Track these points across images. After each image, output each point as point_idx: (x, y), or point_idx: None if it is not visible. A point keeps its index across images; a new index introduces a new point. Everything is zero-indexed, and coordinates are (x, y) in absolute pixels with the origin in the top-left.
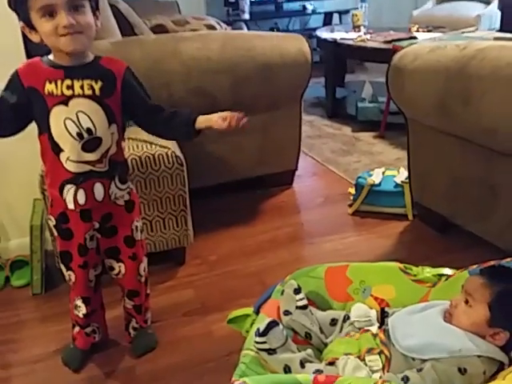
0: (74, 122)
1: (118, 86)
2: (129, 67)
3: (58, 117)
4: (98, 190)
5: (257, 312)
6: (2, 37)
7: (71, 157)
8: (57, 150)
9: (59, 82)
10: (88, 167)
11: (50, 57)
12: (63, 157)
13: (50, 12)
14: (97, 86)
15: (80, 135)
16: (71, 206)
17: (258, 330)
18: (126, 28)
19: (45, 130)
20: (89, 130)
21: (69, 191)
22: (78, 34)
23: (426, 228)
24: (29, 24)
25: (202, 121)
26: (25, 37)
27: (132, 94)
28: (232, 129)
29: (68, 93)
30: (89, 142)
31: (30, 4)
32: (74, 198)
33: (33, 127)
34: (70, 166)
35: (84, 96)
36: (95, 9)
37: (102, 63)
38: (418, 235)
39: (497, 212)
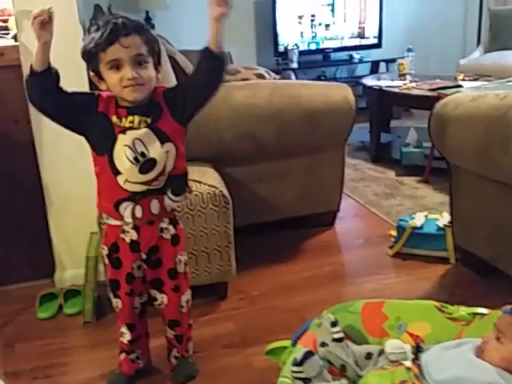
0: (130, 148)
1: (164, 109)
2: (165, 89)
3: (120, 143)
4: (155, 205)
5: (294, 344)
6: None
7: (129, 179)
8: (115, 171)
9: (123, 119)
10: (145, 187)
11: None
12: (121, 178)
13: (116, 65)
14: (149, 120)
15: (136, 159)
16: (129, 220)
17: (295, 359)
18: (183, 77)
19: (106, 152)
20: (143, 154)
21: (126, 208)
22: (140, 86)
23: (467, 272)
24: (98, 74)
25: (209, 37)
26: (91, 85)
27: (178, 96)
28: (228, 4)
29: (128, 125)
30: (144, 164)
31: (100, 57)
32: (132, 213)
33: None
34: (128, 187)
35: (139, 128)
36: (157, 64)
37: (151, 98)
38: (459, 279)
39: None
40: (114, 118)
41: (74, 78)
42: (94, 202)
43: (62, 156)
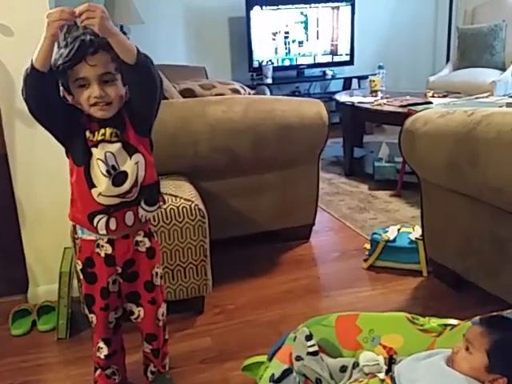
0: (102, 161)
1: (126, 122)
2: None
3: (94, 157)
4: (129, 216)
5: (270, 359)
6: None
7: (103, 192)
8: (90, 184)
9: (96, 132)
10: (118, 200)
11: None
12: (95, 192)
13: (83, 83)
14: (119, 132)
15: (108, 172)
16: (103, 231)
17: (273, 375)
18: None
19: (83, 163)
20: (113, 167)
21: (100, 220)
22: (108, 104)
23: (439, 284)
24: (67, 89)
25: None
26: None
27: (133, 113)
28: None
29: (100, 138)
30: (116, 176)
31: (69, 74)
32: (106, 225)
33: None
34: (102, 200)
35: (111, 141)
36: None
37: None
38: (431, 291)
39: (506, 269)
40: (88, 133)
41: None
42: (67, 216)
43: (36, 170)
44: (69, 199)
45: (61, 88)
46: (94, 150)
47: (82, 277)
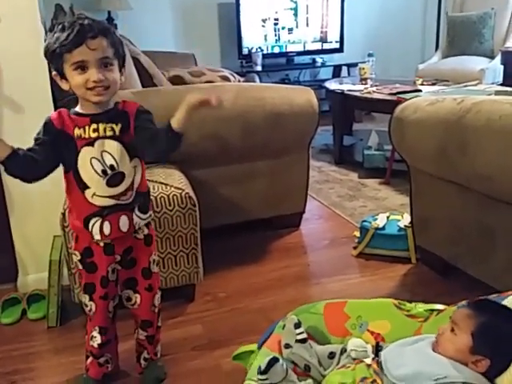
0: (98, 160)
1: (131, 124)
2: (141, 106)
3: (85, 157)
4: (123, 221)
5: (260, 348)
6: (33, 82)
7: (97, 192)
8: (82, 186)
9: (87, 128)
10: (113, 201)
11: (77, 108)
12: (89, 193)
13: (82, 67)
14: (117, 128)
15: (104, 172)
16: (97, 237)
17: (260, 367)
18: (146, 79)
19: (70, 167)
20: (111, 167)
21: (95, 224)
22: (105, 89)
23: (428, 271)
24: (61, 74)
25: (178, 117)
26: (52, 82)
27: (141, 122)
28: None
29: (94, 135)
30: (112, 177)
31: (65, 58)
32: (100, 229)
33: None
34: (96, 201)
35: (107, 137)
36: (122, 66)
37: (119, 107)
38: (420, 278)
39: (494, 255)
40: (77, 131)
41: (33, 76)
42: (56, 204)
43: None
44: (58, 188)
45: (53, 73)
46: (87, 148)
47: (80, 267)
